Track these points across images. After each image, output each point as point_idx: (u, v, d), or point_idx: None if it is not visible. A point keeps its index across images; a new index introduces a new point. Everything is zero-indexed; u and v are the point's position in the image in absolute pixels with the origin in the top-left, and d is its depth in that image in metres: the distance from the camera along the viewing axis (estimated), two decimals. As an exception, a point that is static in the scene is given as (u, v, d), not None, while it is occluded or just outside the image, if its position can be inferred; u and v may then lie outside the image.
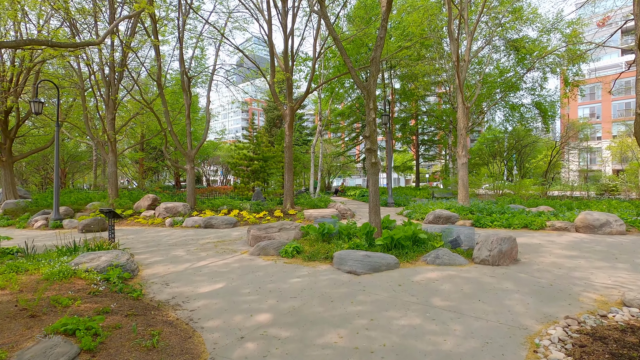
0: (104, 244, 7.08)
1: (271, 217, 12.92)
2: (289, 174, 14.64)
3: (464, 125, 13.83)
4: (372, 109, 8.00)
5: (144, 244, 8.86)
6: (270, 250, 7.24)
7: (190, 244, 8.76)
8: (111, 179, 16.60)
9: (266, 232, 8.39)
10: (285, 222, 9.24)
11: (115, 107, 16.55)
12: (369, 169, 8.08)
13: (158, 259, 6.97)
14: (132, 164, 34.32)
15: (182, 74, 15.09)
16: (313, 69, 14.13)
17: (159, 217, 13.72)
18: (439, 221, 11.65)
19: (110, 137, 16.12)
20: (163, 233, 10.79)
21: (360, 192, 26.14)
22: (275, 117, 32.45)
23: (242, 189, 17.51)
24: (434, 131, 37.15)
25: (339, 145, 34.78)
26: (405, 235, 6.76)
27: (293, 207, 14.74)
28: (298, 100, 14.52)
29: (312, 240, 8.00)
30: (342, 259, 6.11)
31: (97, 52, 16.14)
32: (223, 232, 10.85)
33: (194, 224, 12.14)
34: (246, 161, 17.70)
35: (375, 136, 8.09)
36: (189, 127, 15.66)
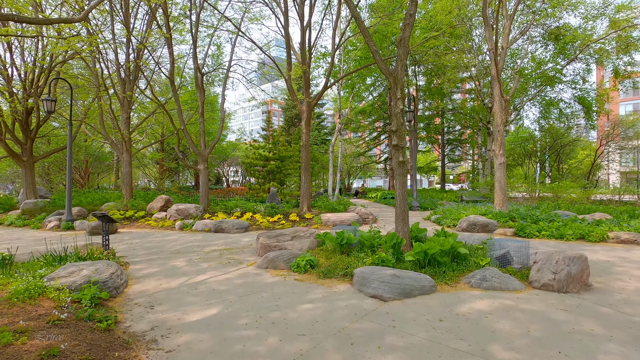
0: (96, 252, 6.29)
1: (286, 222, 11.96)
2: (306, 174, 13.64)
3: (501, 121, 12.36)
4: (399, 99, 6.85)
5: (146, 250, 8.08)
6: (280, 263, 6.23)
7: (194, 251, 7.89)
8: (126, 179, 16.18)
9: (277, 240, 7.40)
10: (300, 229, 8.22)
11: (129, 106, 16.12)
12: (396, 169, 6.92)
13: (153, 271, 6.10)
14: (152, 165, 34.43)
15: (195, 71, 14.41)
16: (332, 61, 13.08)
17: (170, 219, 13.05)
18: (474, 229, 10.29)
19: (125, 137, 15.68)
20: (170, 237, 10.03)
21: (382, 194, 24.82)
22: (293, 116, 31.53)
23: (257, 190, 16.67)
24: (460, 130, 35.24)
25: (359, 145, 33.51)
26: (441, 249, 5.57)
27: (310, 210, 13.73)
28: (316, 96, 13.50)
29: (328, 251, 6.93)
30: (365, 278, 5.00)
31: (113, 51, 15.78)
32: (233, 237, 9.97)
33: (204, 228, 11.35)
34: (262, 161, 16.84)
35: (403, 131, 6.92)
36: (202, 126, 14.98)
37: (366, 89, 25.46)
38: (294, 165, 17.19)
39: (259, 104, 19.80)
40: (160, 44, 17.67)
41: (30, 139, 16.87)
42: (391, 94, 7.00)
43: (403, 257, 5.94)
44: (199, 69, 14.36)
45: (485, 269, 5.35)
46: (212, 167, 45.41)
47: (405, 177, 6.90)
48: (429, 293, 4.83)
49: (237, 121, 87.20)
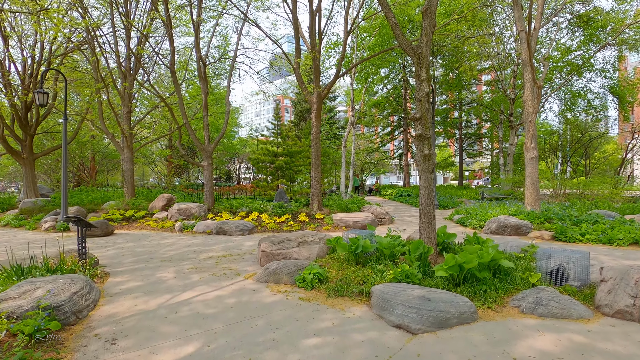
0: (69, 262, 5.41)
1: (294, 222, 10.97)
2: (317, 171, 12.62)
3: (533, 110, 11.05)
4: (423, 81, 5.74)
5: (135, 257, 7.21)
6: (282, 276, 5.23)
7: (188, 258, 6.97)
8: (127, 177, 15.46)
9: (281, 247, 6.40)
10: (308, 233, 7.20)
11: (130, 99, 15.36)
12: (420, 163, 5.83)
13: (134, 285, 5.19)
14: (161, 162, 33.97)
15: (198, 61, 13.52)
16: (344, 47, 11.97)
17: (171, 219, 12.24)
18: (505, 231, 9.09)
19: (125, 132, 14.93)
20: (166, 241, 9.16)
21: (397, 192, 23.62)
22: (304, 110, 30.42)
23: (265, 187, 15.72)
24: (478, 124, 33.60)
25: (372, 141, 32.23)
26: (481, 262, 4.47)
27: (321, 209, 12.71)
28: (327, 86, 12.43)
29: (341, 260, 5.90)
30: (386, 300, 3.96)
31: (112, 41, 15.02)
32: (235, 240, 9.03)
33: (205, 229, 10.47)
34: (270, 157, 15.87)
35: (429, 118, 5.82)
36: (206, 119, 14.10)
37: (380, 80, 24.16)
38: (304, 161, 16.18)
39: (268, 97, 18.84)
40: (162, 35, 16.84)
41: (29, 135, 16.32)
42: (415, 74, 5.89)
43: (432, 271, 4.87)
44: (202, 58, 13.45)
45: (537, 288, 4.24)
46: (223, 164, 44.86)
47: (431, 173, 5.81)
48: (470, 322, 3.75)
49: (248, 117, 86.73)
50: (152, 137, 24.26)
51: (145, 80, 13.76)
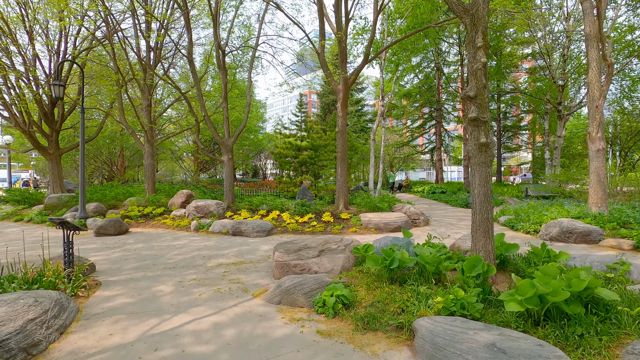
0: (48, 272, 4.64)
1: (317, 223, 9.91)
2: (343, 165, 11.47)
3: (600, 94, 9.28)
4: (479, 48, 4.45)
5: (139, 262, 6.43)
6: (298, 296, 4.17)
7: (195, 265, 6.09)
8: (147, 172, 15.04)
9: (298, 256, 5.35)
10: (332, 238, 6.11)
11: (150, 93, 14.87)
12: (474, 155, 4.55)
13: (122, 302, 4.33)
14: (188, 157, 34.05)
15: (216, 49, 12.70)
16: (374, 28, 10.68)
17: (188, 217, 11.57)
18: (570, 238, 7.54)
19: (145, 126, 14.46)
20: (178, 242, 8.39)
21: (429, 188, 21.97)
22: (330, 103, 29.15)
23: (288, 184, 14.75)
24: (519, 115, 30.95)
25: (402, 134, 30.44)
26: (574, 291, 3.18)
27: (347, 208, 11.57)
28: (354, 71, 11.21)
29: (371, 276, 4.76)
30: (439, 347, 2.80)
31: (133, 35, 14.58)
32: (250, 243, 8.10)
33: (221, 229, 9.64)
34: (293, 151, 14.86)
35: (487, 96, 4.51)
36: (225, 111, 13.31)
37: (411, 69, 22.43)
38: (329, 155, 15.06)
39: (292, 88, 17.85)
40: (183, 26, 16.24)
41: (55, 130, 16.28)
42: (468, 41, 4.59)
43: (495, 300, 3.62)
44: (221, 46, 12.61)
45: (664, 336, 2.90)
46: (248, 160, 44.65)
47: (488, 168, 4.52)
48: (569, 389, 2.51)
49: (275, 112, 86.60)
50: (176, 131, 24.03)
51: (164, 73, 13.19)
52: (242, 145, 36.03)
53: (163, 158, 33.62)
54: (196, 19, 19.29)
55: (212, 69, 20.30)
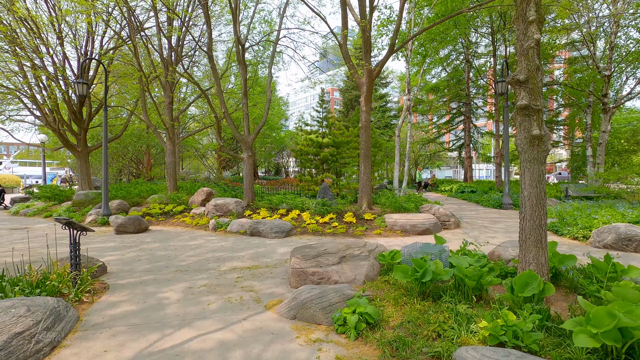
0: (53, 276, 4.38)
1: (339, 223, 9.38)
2: (366, 163, 10.87)
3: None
4: (531, 23, 3.75)
5: (151, 263, 6.15)
6: (315, 311, 3.67)
7: (207, 269, 5.72)
8: (169, 170, 15.02)
9: (317, 263, 4.84)
10: (354, 243, 5.57)
11: (171, 90, 14.81)
12: (523, 150, 3.86)
13: (124, 311, 3.99)
14: (212, 155, 34.38)
15: (236, 43, 12.39)
16: (400, 14, 9.96)
17: (207, 215, 11.36)
18: (629, 246, 6.60)
19: (167, 123, 14.43)
20: (194, 242, 8.11)
21: (458, 187, 20.88)
22: (352, 98, 28.39)
23: (309, 182, 14.27)
24: (556, 110, 28.98)
25: (428, 130, 29.24)
26: (664, 326, 2.48)
27: (371, 208, 10.96)
28: (379, 63, 10.55)
29: (399, 290, 4.18)
30: (489, 392, 2.20)
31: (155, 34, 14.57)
32: (268, 245, 7.69)
33: (238, 229, 9.31)
34: (313, 148, 14.35)
35: (540, 80, 3.80)
36: (245, 107, 12.99)
37: (439, 62, 21.34)
38: (352, 152, 14.45)
39: (314, 84, 17.35)
40: (202, 23, 16.11)
41: (83, 129, 16.61)
42: (517, 16, 3.90)
43: (555, 325, 2.96)
44: (240, 40, 12.29)
45: None
46: (271, 157, 44.68)
47: (542, 165, 3.82)
48: None
49: (298, 110, 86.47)
50: (197, 129, 24.16)
51: (185, 70, 13.04)
52: (265, 143, 35.98)
53: (188, 156, 34.13)
54: (218, 16, 19.19)
55: (234, 66, 20.17)
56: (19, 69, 14.84)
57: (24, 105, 15.58)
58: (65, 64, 15.83)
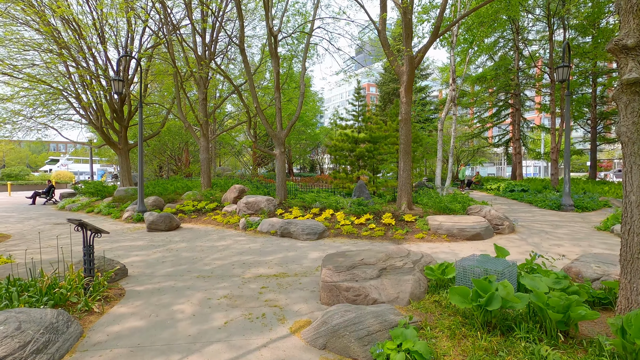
0: (63, 282, 4.03)
1: (376, 225, 8.57)
2: (406, 159, 9.94)
3: None
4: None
5: (175, 266, 5.76)
6: (350, 341, 2.97)
7: (231, 275, 5.21)
8: (203, 166, 14.94)
9: (352, 275, 4.12)
10: (395, 251, 4.79)
11: (205, 85, 14.69)
12: (631, 140, 2.88)
13: (131, 327, 3.53)
14: (247, 152, 34.64)
15: (268, 35, 11.90)
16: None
17: (238, 213, 11.02)
18: None
19: (201, 119, 14.33)
20: (222, 243, 7.70)
21: (505, 186, 19.12)
22: (390, 92, 27.10)
23: (344, 179, 13.52)
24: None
25: (470, 125, 27.25)
26: None
27: (411, 208, 10.03)
28: (421, 49, 9.55)
29: (455, 316, 3.36)
30: None
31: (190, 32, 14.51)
32: (299, 248, 7.08)
33: (269, 229, 8.80)
34: (349, 143, 13.56)
35: (658, 47, 2.79)
36: (278, 102, 12.50)
37: (486, 50, 19.59)
38: (389, 148, 13.50)
39: (349, 77, 16.55)
40: (236, 16, 15.82)
41: (124, 126, 17.06)
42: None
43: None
44: (272, 31, 11.78)
45: None
46: (305, 154, 44.39)
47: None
48: None
49: (333, 106, 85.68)
50: (231, 125, 24.22)
51: (217, 65, 12.85)
52: (300, 139, 35.68)
53: (224, 153, 34.63)
54: (252, 11, 18.93)
55: (269, 62, 19.84)
56: (65, 69, 15.45)
57: (70, 104, 16.21)
58: (107, 63, 16.30)
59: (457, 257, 6.23)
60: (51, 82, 15.50)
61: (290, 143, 34.93)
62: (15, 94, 15.17)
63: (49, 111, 16.82)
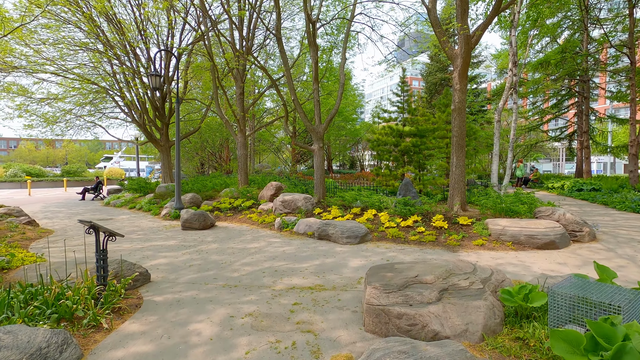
0: (71, 292, 3.58)
1: (426, 229, 7.55)
2: (459, 153, 8.77)
3: None
4: None
5: (201, 271, 5.24)
6: (408, 403, 2.12)
7: (260, 286, 4.56)
8: (240, 163, 14.66)
9: (404, 298, 3.25)
10: (457, 265, 3.84)
11: (242, 79, 14.34)
12: None
13: (135, 353, 2.95)
14: (286, 148, 34.47)
15: (306, 21, 11.19)
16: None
17: (275, 212, 10.48)
18: None
19: (237, 114, 14.02)
20: (254, 245, 7.13)
21: (571, 184, 16.88)
22: (437, 82, 25.23)
23: (387, 176, 12.48)
24: None
25: (528, 117, 24.64)
26: None
27: (465, 209, 8.85)
28: (480, 26, 8.30)
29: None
30: None
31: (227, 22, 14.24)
32: (338, 253, 6.29)
33: (306, 230, 8.12)
34: (393, 137, 12.48)
35: None
36: (316, 94, 11.78)
37: (550, 31, 17.33)
38: (438, 142, 12.26)
39: (393, 66, 15.44)
40: (272, 7, 15.32)
41: (165, 124, 17.29)
42: None
43: None
44: (310, 18, 11.05)
45: None
46: (345, 150, 43.47)
47: None
48: None
49: (375, 99, 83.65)
50: (268, 121, 23.95)
51: (255, 58, 12.43)
52: (339, 135, 34.84)
53: (263, 149, 34.73)
54: (291, 1, 18.35)
55: (308, 57, 19.22)
56: (110, 68, 15.90)
57: (116, 103, 16.71)
58: (150, 62, 16.57)
59: (530, 271, 5.10)
60: (99, 81, 16.06)
61: (329, 139, 34.20)
62: (66, 92, 15.86)
63: (97, 109, 17.49)
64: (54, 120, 16.49)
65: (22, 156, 59.59)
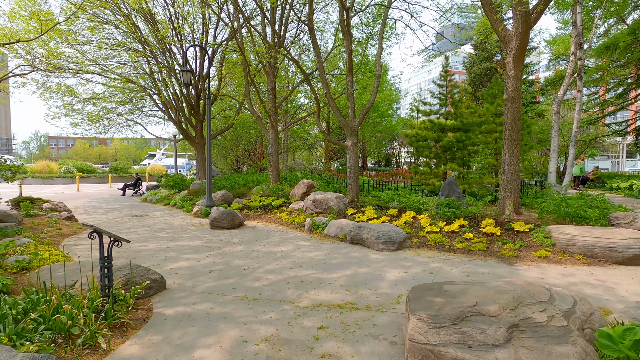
0: (69, 306, 3.19)
1: (475, 235, 6.60)
2: (512, 149, 7.67)
3: None
4: None
5: (221, 279, 4.78)
6: None
7: (282, 300, 3.98)
8: (272, 160, 14.28)
9: (461, 335, 2.49)
10: (527, 290, 3.01)
11: (274, 74, 13.92)
12: None
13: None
14: (320, 145, 33.95)
15: (340, 9, 10.47)
16: None
17: (305, 211, 9.95)
18: None
19: (269, 110, 13.62)
20: (281, 249, 6.60)
21: (642, 184, 14.73)
22: (482, 72, 23.25)
23: (427, 175, 11.46)
24: None
25: (588, 108, 22.07)
26: None
27: (519, 213, 7.74)
28: (541, 1, 7.14)
29: None
30: None
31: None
32: (373, 263, 5.57)
33: (337, 233, 7.47)
34: (433, 132, 11.42)
35: None
36: (350, 86, 11.04)
37: (616, 12, 15.23)
38: (485, 137, 11.06)
39: (433, 56, 14.34)
40: None
41: (199, 121, 17.37)
42: None
43: None
44: (344, 4, 10.30)
45: None
46: (381, 147, 42.19)
47: None
48: None
49: (412, 95, 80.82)
50: (301, 117, 23.48)
51: (287, 51, 11.94)
52: (374, 131, 33.72)
53: (297, 146, 34.44)
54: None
55: (343, 51, 18.47)
56: (147, 67, 16.17)
57: (153, 101, 16.99)
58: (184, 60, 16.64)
59: (616, 296, 4.09)
60: (137, 80, 16.39)
61: (364, 135, 33.18)
62: (108, 91, 16.33)
63: (136, 108, 17.91)
64: (97, 118, 17.09)
65: (77, 154, 64.28)
